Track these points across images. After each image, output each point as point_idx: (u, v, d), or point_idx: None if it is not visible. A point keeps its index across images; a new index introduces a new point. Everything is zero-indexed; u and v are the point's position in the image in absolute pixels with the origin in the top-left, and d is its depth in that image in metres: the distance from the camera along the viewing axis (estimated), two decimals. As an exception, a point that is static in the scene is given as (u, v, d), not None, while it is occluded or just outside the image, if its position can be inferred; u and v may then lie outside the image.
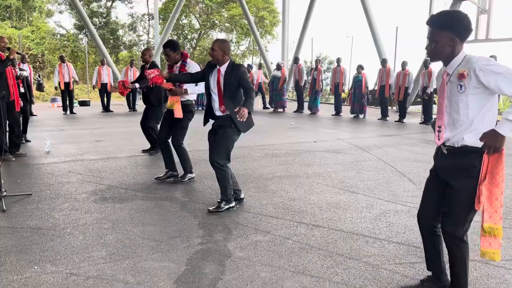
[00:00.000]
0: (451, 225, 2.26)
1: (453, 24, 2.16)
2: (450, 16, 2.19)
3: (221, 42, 3.92)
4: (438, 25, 2.19)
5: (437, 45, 2.20)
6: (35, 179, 5.12)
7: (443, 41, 2.17)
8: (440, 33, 2.17)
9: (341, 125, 10.94)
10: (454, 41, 2.16)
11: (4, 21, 24.93)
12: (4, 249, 3.11)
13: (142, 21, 30.32)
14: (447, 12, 2.27)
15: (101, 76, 13.38)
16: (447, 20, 2.18)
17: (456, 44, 2.17)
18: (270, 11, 29.57)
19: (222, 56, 3.89)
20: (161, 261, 2.94)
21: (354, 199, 4.41)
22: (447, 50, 2.18)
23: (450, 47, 2.17)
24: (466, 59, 2.17)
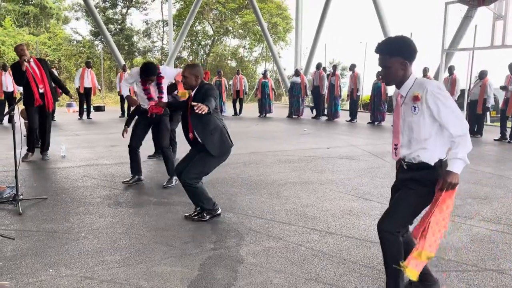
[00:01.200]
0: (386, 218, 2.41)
1: (402, 49, 2.29)
2: (398, 42, 2.31)
3: (191, 68, 3.80)
4: (388, 52, 2.30)
5: (391, 71, 2.32)
6: (51, 183, 5.19)
7: (396, 66, 2.30)
8: (391, 59, 2.29)
9: (356, 132, 10.88)
10: (405, 64, 2.29)
11: (22, 28, 25.43)
12: (20, 252, 3.15)
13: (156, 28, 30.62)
14: (394, 39, 2.36)
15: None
16: (396, 47, 2.30)
17: (407, 67, 2.30)
18: (283, 17, 29.62)
19: (195, 81, 3.79)
20: (174, 266, 2.95)
21: (367, 206, 4.37)
22: (400, 73, 2.32)
23: (402, 70, 2.31)
24: (417, 82, 2.31)
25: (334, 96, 13.18)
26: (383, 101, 12.26)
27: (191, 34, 28.04)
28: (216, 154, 3.79)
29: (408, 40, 2.31)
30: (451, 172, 2.24)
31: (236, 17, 29.87)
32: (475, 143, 8.93)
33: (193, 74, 3.78)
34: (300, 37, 20.02)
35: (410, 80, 2.33)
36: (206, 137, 3.73)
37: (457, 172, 2.24)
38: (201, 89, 3.78)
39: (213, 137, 3.75)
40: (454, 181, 2.24)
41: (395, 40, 2.33)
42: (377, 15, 15.04)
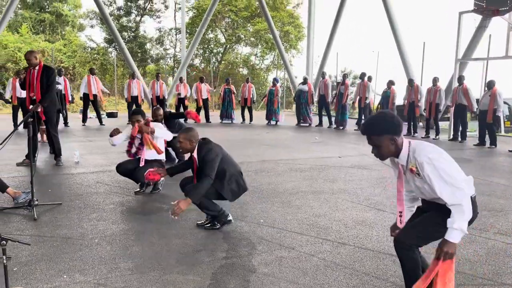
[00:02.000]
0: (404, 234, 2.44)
1: (387, 127, 2.34)
2: (382, 122, 2.36)
3: (186, 133, 3.87)
4: (376, 133, 2.36)
5: (382, 149, 2.38)
6: (65, 188, 5.25)
7: (385, 143, 2.35)
8: (379, 138, 2.35)
9: (366, 140, 10.81)
10: (394, 139, 2.35)
11: (38, 35, 25.90)
12: (35, 257, 3.19)
13: (169, 35, 30.94)
14: (377, 120, 2.41)
15: (131, 89, 13.65)
16: (381, 126, 2.36)
17: (396, 141, 2.35)
18: (295, 26, 29.73)
19: (190, 145, 3.86)
20: (186, 274, 2.96)
21: (380, 217, 4.34)
22: (392, 148, 2.37)
23: (393, 145, 2.36)
24: (411, 149, 2.35)
25: (342, 105, 13.17)
26: (391, 110, 12.19)
27: (203, 41, 28.27)
28: (232, 200, 3.96)
29: (389, 116, 2.37)
30: (447, 241, 2.23)
31: (248, 25, 30.06)
32: (489, 154, 8.83)
33: (187, 139, 3.85)
34: (312, 45, 20.04)
35: (404, 149, 2.37)
36: (223, 187, 3.83)
37: (454, 242, 2.22)
38: (201, 151, 3.82)
39: (230, 186, 3.87)
40: (451, 251, 2.22)
41: (378, 120, 2.39)
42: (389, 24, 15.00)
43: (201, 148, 3.84)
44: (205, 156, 3.76)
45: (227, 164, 3.87)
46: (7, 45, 22.31)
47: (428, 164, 2.24)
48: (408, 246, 2.42)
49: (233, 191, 3.88)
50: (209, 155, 3.75)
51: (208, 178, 3.68)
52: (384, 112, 2.43)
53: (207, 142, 3.92)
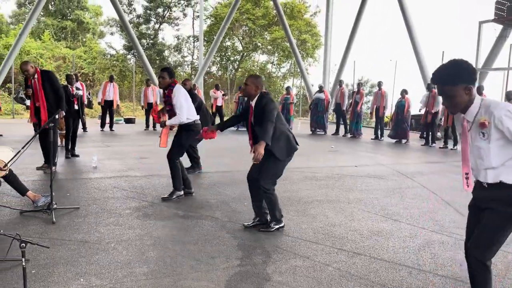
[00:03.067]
0: (477, 248, 2.29)
1: (463, 75, 2.20)
2: (458, 69, 2.21)
3: (254, 78, 4.04)
4: (451, 81, 2.21)
5: (456, 100, 2.23)
6: (83, 193, 5.33)
7: (460, 93, 2.20)
8: (454, 87, 2.20)
9: (382, 150, 10.74)
10: (470, 89, 2.20)
11: (59, 42, 26.49)
12: (53, 260, 3.24)
13: (187, 43, 31.32)
14: (451, 66, 2.24)
15: (147, 96, 13.84)
16: (456, 73, 2.20)
17: (471, 91, 2.21)
18: (312, 34, 29.79)
19: (255, 91, 3.98)
20: (200, 280, 2.97)
21: (396, 227, 4.29)
22: (466, 99, 2.22)
23: (467, 95, 2.21)
24: (483, 105, 2.21)
25: (358, 113, 13.11)
26: (406, 119, 12.09)
27: (220, 49, 28.51)
28: (283, 158, 3.98)
29: (465, 63, 2.21)
30: None
31: (265, 34, 30.23)
32: None
33: (254, 84, 3.98)
34: (329, 53, 20.03)
35: (476, 103, 2.22)
36: (273, 143, 3.87)
37: None
38: (261, 101, 3.93)
39: (279, 143, 3.92)
40: None
41: (453, 66, 2.22)
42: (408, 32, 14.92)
43: (262, 98, 3.94)
44: (266, 105, 3.86)
45: (278, 121, 3.93)
46: (29, 51, 22.85)
47: (506, 115, 2.09)
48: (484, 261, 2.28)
49: (282, 148, 3.93)
50: (270, 105, 3.88)
51: (270, 122, 3.80)
52: (457, 60, 2.23)
53: (268, 94, 4.05)
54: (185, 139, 5.19)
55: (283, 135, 3.95)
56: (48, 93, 6.28)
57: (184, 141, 5.20)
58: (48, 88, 6.27)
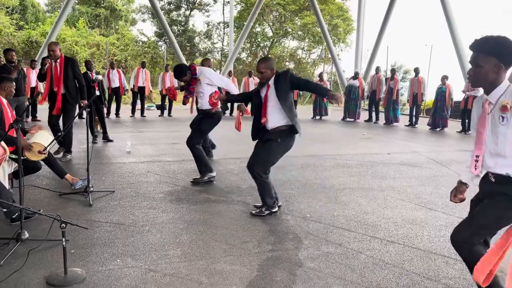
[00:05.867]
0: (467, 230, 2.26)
1: (499, 50, 2.10)
2: (497, 42, 2.11)
3: (265, 62, 4.01)
4: (484, 50, 2.12)
5: (481, 71, 2.14)
6: (118, 177, 5.46)
7: (488, 66, 2.11)
8: (486, 58, 2.12)
9: (417, 137, 10.47)
10: (500, 67, 2.11)
11: (93, 29, 27.03)
12: (90, 241, 3.35)
13: (217, 29, 31.36)
14: (493, 38, 2.15)
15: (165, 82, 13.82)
16: (494, 46, 2.11)
17: (501, 71, 2.11)
18: (344, 19, 29.19)
19: (272, 73, 3.99)
20: (233, 264, 2.99)
21: (432, 216, 4.19)
22: (491, 76, 2.13)
23: (495, 73, 2.12)
24: (510, 90, 2.10)
25: (393, 100, 12.79)
26: (447, 107, 11.71)
27: (250, 35, 28.38)
28: (300, 133, 4.06)
29: (509, 42, 2.10)
30: None
31: (295, 19, 29.85)
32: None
33: (268, 67, 3.99)
34: (361, 39, 19.59)
35: (503, 86, 2.14)
36: (293, 118, 3.97)
37: None
38: (283, 76, 3.93)
39: (296, 119, 4.03)
40: None
41: (495, 39, 2.13)
42: (444, 15, 14.37)
43: (282, 74, 3.95)
44: (292, 76, 3.92)
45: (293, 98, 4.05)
46: (65, 39, 23.45)
47: None
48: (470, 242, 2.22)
49: (299, 123, 4.05)
50: (295, 74, 4.02)
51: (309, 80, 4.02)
52: (504, 36, 2.13)
53: (287, 69, 4.12)
54: (205, 125, 5.22)
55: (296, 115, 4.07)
56: (68, 80, 6.19)
57: (205, 127, 5.23)
58: (70, 76, 6.20)
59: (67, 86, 6.21)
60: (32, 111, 11.50)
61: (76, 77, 6.30)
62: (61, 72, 6.15)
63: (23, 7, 26.37)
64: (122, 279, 2.73)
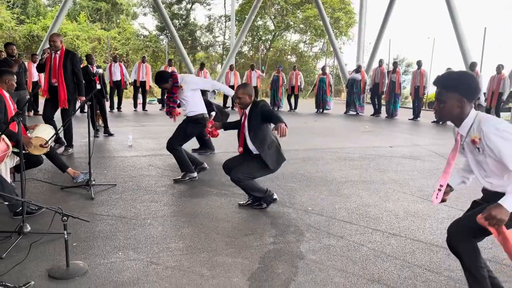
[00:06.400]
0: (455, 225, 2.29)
1: (460, 85, 2.15)
2: (458, 78, 2.18)
3: (244, 88, 3.98)
4: (447, 87, 2.18)
5: (445, 106, 2.19)
6: (119, 171, 5.47)
7: (451, 102, 2.17)
8: (448, 94, 2.16)
9: (419, 131, 10.44)
10: (463, 102, 2.15)
11: (95, 23, 26.97)
12: (92, 234, 3.36)
13: (219, 23, 31.22)
14: (455, 74, 2.23)
15: None
16: (456, 82, 2.17)
17: (464, 105, 2.16)
18: (346, 12, 29.03)
19: (249, 99, 3.96)
20: (235, 257, 3.00)
21: (434, 208, 4.18)
22: (456, 111, 2.18)
23: (459, 108, 2.16)
24: (477, 120, 2.15)
25: (395, 93, 12.75)
26: None
27: (252, 29, 28.26)
28: (273, 168, 3.98)
29: (469, 77, 2.18)
30: (499, 205, 2.00)
31: (297, 12, 29.69)
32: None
33: (246, 93, 3.96)
34: (363, 32, 19.48)
35: (470, 118, 2.17)
36: (264, 151, 3.91)
37: (507, 209, 1.99)
38: (256, 107, 3.91)
39: (270, 152, 3.94)
40: (499, 216, 1.99)
41: (455, 75, 2.20)
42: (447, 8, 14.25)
43: (256, 104, 3.93)
44: (263, 107, 3.88)
45: (269, 131, 3.97)
46: (66, 33, 23.41)
47: (495, 134, 2.04)
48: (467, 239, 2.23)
49: (273, 156, 3.94)
50: (267, 106, 3.93)
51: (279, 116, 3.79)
52: (466, 72, 2.23)
53: (261, 100, 4.08)
54: (191, 129, 5.11)
55: (274, 144, 3.97)
56: (66, 73, 6.08)
57: (190, 131, 5.12)
58: (68, 69, 6.08)
59: (64, 80, 6.07)
60: (34, 105, 11.50)
61: (75, 72, 6.17)
62: (60, 64, 6.01)
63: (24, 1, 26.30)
64: (124, 272, 2.74)
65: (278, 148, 4.01)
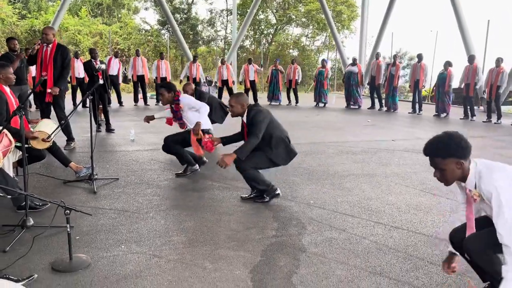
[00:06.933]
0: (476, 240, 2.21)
1: (453, 150, 2.13)
2: (446, 144, 2.15)
3: (237, 97, 4.03)
4: (439, 155, 2.16)
5: (447, 173, 2.17)
6: (122, 165, 5.48)
7: (451, 167, 2.14)
8: (444, 161, 2.14)
9: (420, 124, 10.41)
10: (461, 164, 2.13)
11: (96, 18, 26.92)
12: (95, 227, 3.37)
13: (220, 17, 31.07)
14: (442, 140, 2.18)
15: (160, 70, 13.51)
16: (446, 149, 2.14)
17: (463, 165, 2.13)
18: (348, 5, 28.85)
19: (242, 109, 3.99)
20: (237, 250, 3.01)
21: (436, 202, 4.18)
22: (458, 173, 2.16)
23: (459, 169, 2.15)
24: (478, 175, 2.14)
25: (393, 87, 12.73)
26: (447, 92, 11.64)
27: (254, 23, 28.13)
28: (284, 164, 4.06)
29: (457, 137, 2.15)
30: None
31: (299, 6, 29.55)
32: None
33: (238, 103, 4.01)
34: (366, 25, 19.35)
35: (472, 173, 2.15)
36: (272, 152, 3.96)
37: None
38: (250, 115, 3.95)
39: (277, 150, 3.97)
40: None
41: (443, 141, 2.16)
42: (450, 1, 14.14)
43: (250, 111, 3.96)
44: (254, 117, 3.90)
45: (274, 128, 3.97)
46: (68, 28, 23.39)
47: (493, 195, 2.05)
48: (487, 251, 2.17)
49: (281, 154, 3.98)
50: (258, 116, 3.90)
51: (255, 137, 3.85)
52: (450, 133, 2.19)
53: (256, 105, 4.08)
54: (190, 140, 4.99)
55: (281, 141, 3.99)
56: (57, 67, 6.02)
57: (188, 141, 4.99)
58: (58, 63, 6.02)
59: (54, 73, 6.00)
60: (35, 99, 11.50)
61: (63, 66, 6.09)
62: (51, 58, 5.96)
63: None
64: (126, 265, 2.75)
65: (286, 145, 4.02)
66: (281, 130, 4.05)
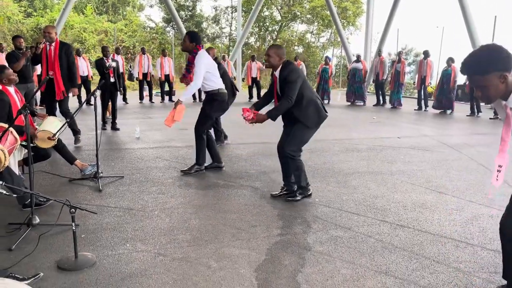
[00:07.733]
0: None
1: (495, 63, 1.94)
2: (488, 56, 1.95)
3: (277, 48, 3.91)
4: (479, 72, 1.97)
5: (489, 90, 1.99)
6: (127, 163, 5.49)
7: (494, 83, 1.96)
8: (486, 77, 1.95)
9: (426, 121, 10.35)
10: (504, 77, 1.94)
11: (101, 16, 26.96)
12: (100, 226, 3.38)
13: (225, 14, 31.03)
14: (480, 54, 1.99)
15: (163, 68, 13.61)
16: (487, 61, 1.94)
17: (507, 78, 1.95)
18: (353, 1, 28.69)
19: (278, 62, 3.88)
20: (242, 248, 3.00)
21: (442, 200, 4.15)
22: (501, 88, 1.97)
23: (503, 83, 1.96)
24: None
25: (399, 83, 12.68)
26: (452, 89, 11.56)
27: (258, 19, 28.06)
28: (313, 126, 3.93)
29: (497, 48, 1.96)
30: None
31: (304, 2, 29.42)
32: None
33: (277, 54, 3.87)
34: (371, 21, 19.23)
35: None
36: (301, 112, 3.84)
37: None
38: (284, 71, 3.82)
39: (307, 111, 3.86)
40: None
41: (483, 54, 1.98)
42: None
43: (284, 67, 3.85)
44: (288, 76, 3.77)
45: (305, 88, 3.85)
46: (73, 25, 23.44)
47: None
48: None
49: (312, 116, 3.88)
50: (292, 75, 3.77)
51: (288, 99, 3.74)
52: (490, 45, 1.98)
53: (291, 63, 3.93)
54: (209, 109, 4.92)
55: (312, 103, 3.87)
56: (63, 65, 6.12)
57: (209, 111, 4.94)
58: (63, 61, 6.12)
59: (60, 71, 6.09)
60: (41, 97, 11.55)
61: (69, 64, 6.19)
62: (56, 56, 6.05)
63: (31, -6, 26.35)
64: (131, 263, 2.76)
65: (317, 105, 3.88)
66: (312, 91, 3.95)
